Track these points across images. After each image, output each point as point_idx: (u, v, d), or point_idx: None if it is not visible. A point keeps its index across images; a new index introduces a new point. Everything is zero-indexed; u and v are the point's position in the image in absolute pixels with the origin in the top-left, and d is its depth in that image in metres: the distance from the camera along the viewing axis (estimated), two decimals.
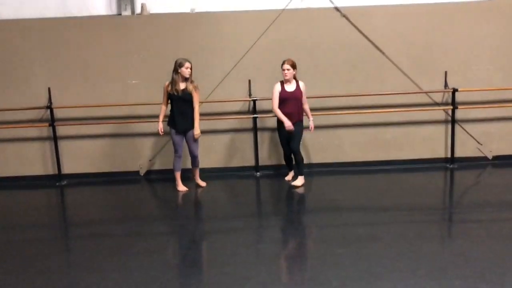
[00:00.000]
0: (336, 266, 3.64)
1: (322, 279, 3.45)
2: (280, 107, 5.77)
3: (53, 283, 3.57)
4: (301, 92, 5.81)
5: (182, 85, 5.67)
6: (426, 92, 6.73)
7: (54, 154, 6.65)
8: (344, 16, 6.58)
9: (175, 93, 5.64)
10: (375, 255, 3.84)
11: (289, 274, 3.57)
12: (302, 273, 3.57)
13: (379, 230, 4.47)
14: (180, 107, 5.69)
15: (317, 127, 6.51)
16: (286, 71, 5.70)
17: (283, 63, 5.76)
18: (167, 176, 6.59)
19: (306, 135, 6.28)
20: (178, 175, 5.98)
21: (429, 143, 6.90)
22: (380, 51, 6.65)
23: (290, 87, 5.81)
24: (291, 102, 5.75)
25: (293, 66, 5.72)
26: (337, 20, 6.59)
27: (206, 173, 6.58)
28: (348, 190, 5.94)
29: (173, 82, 5.66)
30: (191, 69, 5.70)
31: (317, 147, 6.85)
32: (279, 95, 5.76)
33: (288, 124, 5.66)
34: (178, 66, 5.63)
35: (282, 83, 5.80)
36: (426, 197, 5.46)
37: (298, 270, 3.61)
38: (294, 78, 5.83)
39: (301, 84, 5.86)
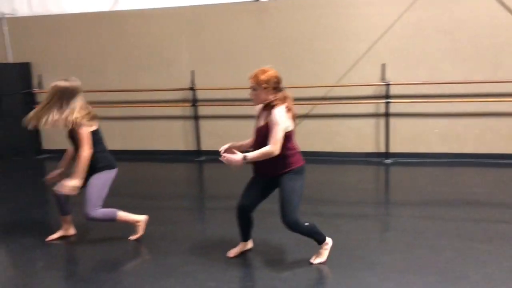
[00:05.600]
0: (476, 261, 3.47)
1: (458, 272, 3.32)
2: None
3: (191, 246, 3.97)
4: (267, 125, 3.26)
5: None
6: None
7: (195, 132, 7.26)
8: None
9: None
10: None
11: (424, 264, 3.49)
12: (437, 264, 3.46)
13: None
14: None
15: (457, 115, 6.16)
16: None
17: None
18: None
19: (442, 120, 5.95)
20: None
21: None
22: None
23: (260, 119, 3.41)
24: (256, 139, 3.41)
25: (259, 82, 3.25)
26: None
27: (333, 157, 6.66)
28: (488, 183, 5.53)
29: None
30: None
31: (453, 136, 6.47)
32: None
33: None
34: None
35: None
36: None
37: (434, 261, 3.51)
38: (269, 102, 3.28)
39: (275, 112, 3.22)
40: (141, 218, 4.14)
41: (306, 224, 3.43)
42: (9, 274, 3.70)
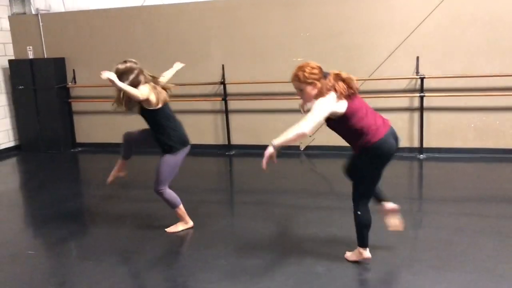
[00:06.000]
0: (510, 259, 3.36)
1: (499, 270, 3.22)
2: None
3: (224, 240, 3.98)
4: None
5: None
6: None
7: (225, 126, 7.26)
8: None
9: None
10: None
11: (463, 261, 3.39)
12: (476, 262, 3.36)
13: None
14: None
15: (495, 109, 5.95)
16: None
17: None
18: (325, 152, 6.73)
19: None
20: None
21: None
22: None
23: None
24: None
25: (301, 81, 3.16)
26: None
27: None
28: None
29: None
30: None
31: (490, 131, 6.27)
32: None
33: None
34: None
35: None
36: None
37: (473, 259, 3.41)
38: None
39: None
40: (190, 223, 4.25)
41: (358, 212, 3.30)
42: (46, 265, 3.79)
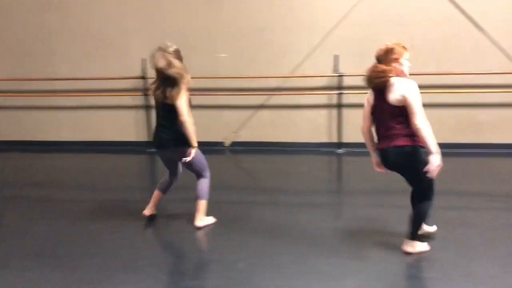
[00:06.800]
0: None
1: (411, 259, 3.42)
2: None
3: (151, 239, 3.85)
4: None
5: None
6: None
7: (146, 121, 7.05)
8: None
9: None
10: (467, 240, 3.71)
11: (377, 248, 3.56)
12: (388, 250, 3.55)
13: (470, 215, 4.29)
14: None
15: None
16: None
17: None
18: (251, 148, 6.76)
19: None
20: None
21: None
22: (478, 27, 6.24)
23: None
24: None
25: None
26: None
27: (288, 147, 6.69)
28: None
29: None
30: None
31: None
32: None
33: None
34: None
35: None
36: None
37: (385, 246, 3.59)
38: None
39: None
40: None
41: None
42: None
